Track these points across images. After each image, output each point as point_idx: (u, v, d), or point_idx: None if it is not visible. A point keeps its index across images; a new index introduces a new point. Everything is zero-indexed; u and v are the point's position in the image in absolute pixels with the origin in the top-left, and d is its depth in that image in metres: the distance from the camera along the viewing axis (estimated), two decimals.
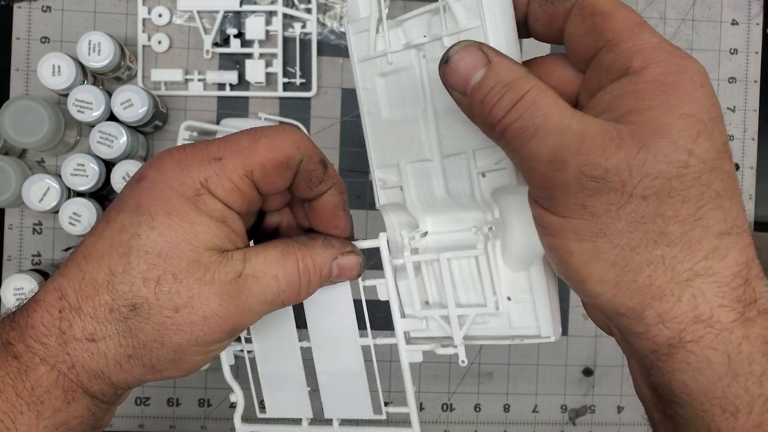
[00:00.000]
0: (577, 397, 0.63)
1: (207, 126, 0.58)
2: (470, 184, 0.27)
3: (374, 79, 0.28)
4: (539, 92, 0.23)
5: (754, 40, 0.63)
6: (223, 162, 0.25)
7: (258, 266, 0.26)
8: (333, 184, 0.29)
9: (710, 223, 0.22)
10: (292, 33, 0.59)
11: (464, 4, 0.25)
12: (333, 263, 0.28)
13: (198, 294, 0.25)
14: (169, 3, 0.59)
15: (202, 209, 0.25)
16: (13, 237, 0.58)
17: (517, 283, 0.27)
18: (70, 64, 0.52)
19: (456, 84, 0.24)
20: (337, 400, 0.31)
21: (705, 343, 0.22)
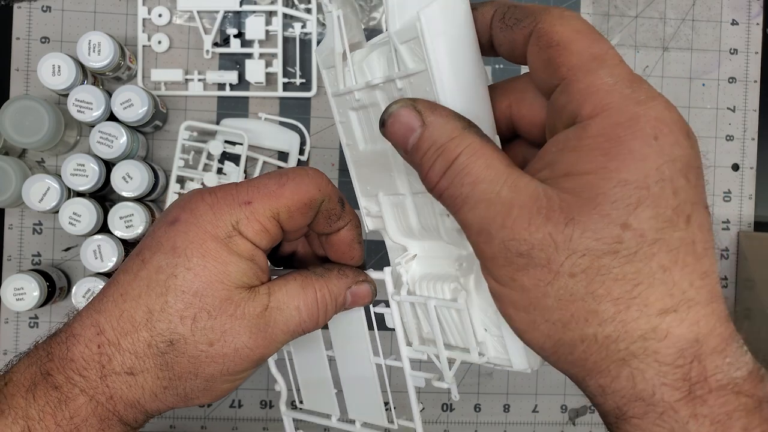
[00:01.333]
0: (577, 397, 0.63)
1: (207, 126, 0.58)
2: (436, 223, 0.27)
3: (348, 113, 0.28)
4: (471, 155, 0.21)
5: (754, 40, 0.63)
6: (253, 205, 0.27)
7: (281, 299, 0.28)
8: (350, 220, 0.30)
9: (649, 300, 0.20)
10: (292, 33, 0.59)
11: (410, 47, 0.23)
12: (347, 292, 0.30)
13: (230, 329, 0.27)
14: (169, 3, 0.59)
15: (233, 250, 0.27)
16: (13, 237, 0.58)
17: (489, 316, 0.27)
18: (70, 64, 0.52)
19: (396, 144, 0.24)
20: (358, 405, 0.34)
21: (649, 420, 0.21)
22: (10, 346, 0.58)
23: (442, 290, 0.28)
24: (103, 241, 0.53)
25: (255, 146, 0.59)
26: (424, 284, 0.29)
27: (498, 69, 0.62)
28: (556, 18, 0.21)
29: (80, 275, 0.58)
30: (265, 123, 0.59)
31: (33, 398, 0.25)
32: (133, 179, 0.53)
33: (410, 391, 0.32)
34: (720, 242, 0.64)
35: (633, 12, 0.63)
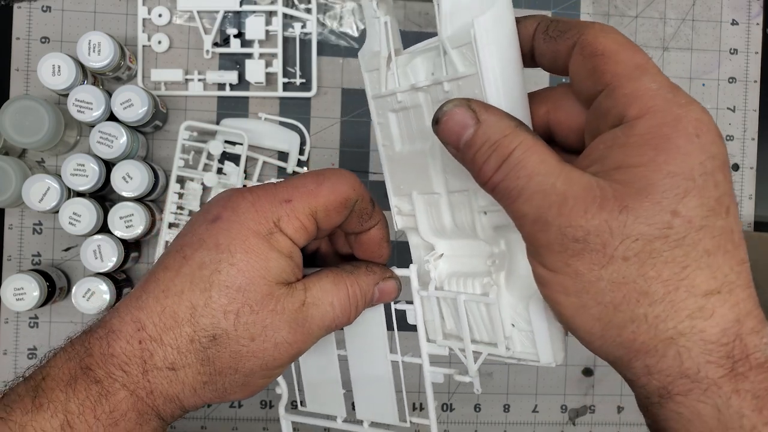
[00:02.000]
0: (577, 397, 0.63)
1: (207, 126, 0.58)
2: (473, 220, 0.28)
3: (387, 115, 0.29)
4: (525, 150, 0.23)
5: (754, 40, 0.63)
6: (293, 203, 0.28)
7: (317, 295, 0.29)
8: (380, 220, 0.31)
9: (696, 282, 0.22)
10: (292, 33, 0.59)
11: (461, 52, 0.24)
12: (375, 288, 0.31)
13: (271, 324, 0.27)
14: (169, 3, 0.59)
15: (274, 246, 0.28)
16: (13, 237, 0.58)
17: (519, 312, 0.28)
18: (70, 64, 0.52)
19: (449, 141, 0.25)
20: (368, 404, 0.34)
21: (693, 397, 0.22)
22: (10, 346, 0.58)
23: (473, 286, 0.29)
24: (103, 241, 0.53)
25: (255, 146, 0.59)
26: (453, 281, 0.30)
27: None
28: (599, 31, 0.23)
29: (80, 275, 0.58)
30: (265, 123, 0.59)
31: (73, 392, 0.25)
32: (133, 179, 0.53)
33: (427, 387, 0.33)
34: None
35: (633, 12, 0.63)
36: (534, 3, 0.62)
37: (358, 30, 0.61)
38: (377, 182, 0.61)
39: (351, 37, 0.60)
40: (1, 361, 0.58)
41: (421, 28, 0.61)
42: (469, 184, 0.27)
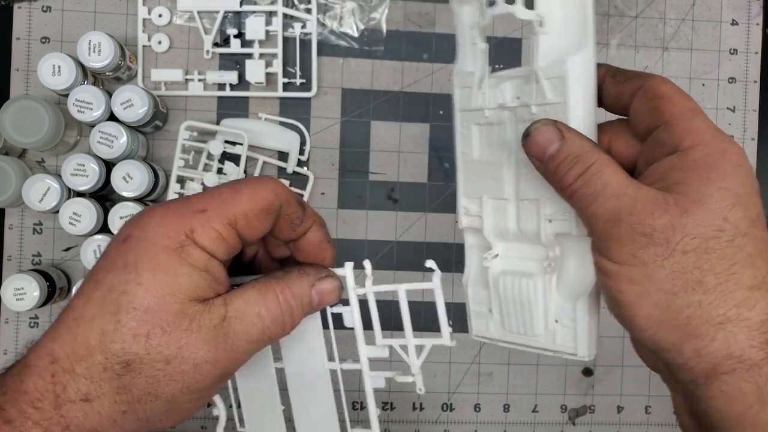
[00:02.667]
0: (577, 396, 0.63)
1: (207, 126, 0.58)
2: (537, 226, 0.31)
3: (470, 126, 0.33)
4: (602, 165, 0.27)
5: (753, 40, 0.63)
6: (208, 213, 0.27)
7: (239, 307, 0.27)
8: (314, 222, 0.30)
9: (742, 278, 0.26)
10: (292, 33, 0.59)
11: (552, 83, 0.29)
12: (312, 291, 0.30)
13: (186, 344, 0.26)
14: (169, 3, 0.59)
15: (186, 260, 0.26)
16: (13, 237, 0.58)
17: (564, 310, 0.31)
18: (70, 64, 0.52)
19: (535, 153, 0.28)
20: (308, 419, 0.33)
21: (737, 376, 0.26)
22: (10, 346, 0.58)
23: (526, 285, 0.32)
24: (104, 241, 0.53)
25: (255, 146, 0.59)
26: (508, 279, 0.32)
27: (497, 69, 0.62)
28: (660, 80, 0.29)
29: (80, 275, 0.58)
30: (266, 123, 0.59)
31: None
32: (133, 179, 0.53)
33: (368, 394, 0.32)
34: None
35: (633, 12, 0.63)
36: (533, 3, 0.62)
37: (358, 30, 0.61)
38: (377, 182, 0.61)
39: (351, 37, 0.61)
40: (1, 360, 0.58)
41: (421, 29, 0.61)
42: (540, 194, 0.30)
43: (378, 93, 0.61)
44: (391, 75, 0.61)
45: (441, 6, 0.61)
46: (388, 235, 0.61)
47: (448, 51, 0.61)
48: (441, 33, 0.61)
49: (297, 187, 0.60)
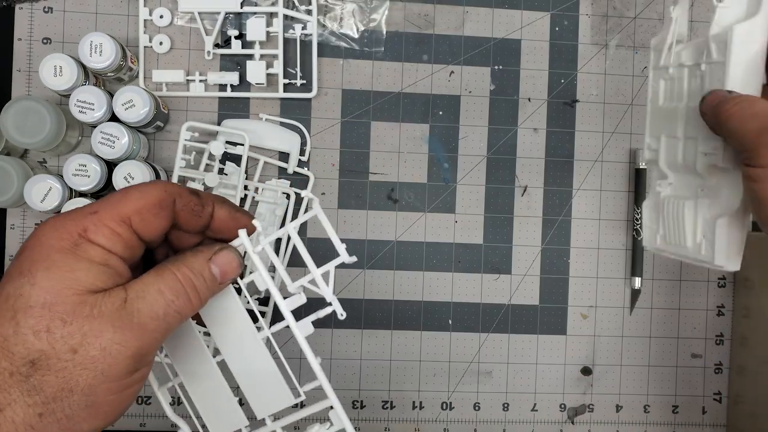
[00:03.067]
0: (576, 395, 0.63)
1: (208, 127, 0.58)
2: (695, 159, 0.39)
3: (659, 80, 0.44)
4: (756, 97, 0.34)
5: None
6: (99, 213, 0.28)
7: (140, 288, 0.28)
8: (213, 201, 0.31)
9: None
10: (293, 34, 0.60)
11: (718, 45, 0.37)
12: (210, 264, 0.30)
13: (90, 329, 0.26)
14: (170, 4, 0.59)
15: (82, 256, 0.27)
16: (14, 237, 0.58)
17: (710, 226, 0.38)
18: (71, 65, 0.52)
19: (705, 111, 0.36)
20: (261, 399, 0.33)
21: None
22: None
23: (683, 206, 0.40)
24: None
25: (256, 147, 0.59)
26: (671, 201, 0.41)
27: (497, 70, 0.62)
28: None
29: None
30: (266, 124, 0.60)
31: None
32: (134, 180, 0.53)
33: (302, 344, 0.33)
34: None
35: (631, 13, 0.63)
36: (532, 4, 0.62)
37: (358, 31, 0.61)
38: (377, 182, 0.61)
39: (351, 38, 0.61)
40: None
41: (421, 30, 0.61)
42: (698, 134, 0.38)
43: (378, 94, 0.61)
44: (391, 76, 0.61)
45: (441, 7, 0.62)
46: (388, 235, 0.61)
47: (447, 52, 0.62)
48: (441, 34, 0.62)
49: (298, 187, 0.60)
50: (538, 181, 0.62)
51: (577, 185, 0.63)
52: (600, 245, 0.63)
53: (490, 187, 0.62)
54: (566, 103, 0.63)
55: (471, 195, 0.62)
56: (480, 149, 0.62)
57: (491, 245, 0.62)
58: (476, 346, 0.62)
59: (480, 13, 0.62)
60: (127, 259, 0.29)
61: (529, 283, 0.62)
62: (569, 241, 0.63)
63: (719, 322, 0.64)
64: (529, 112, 0.62)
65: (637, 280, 0.62)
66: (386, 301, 0.62)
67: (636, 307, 0.63)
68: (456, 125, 0.62)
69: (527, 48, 0.62)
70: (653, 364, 0.64)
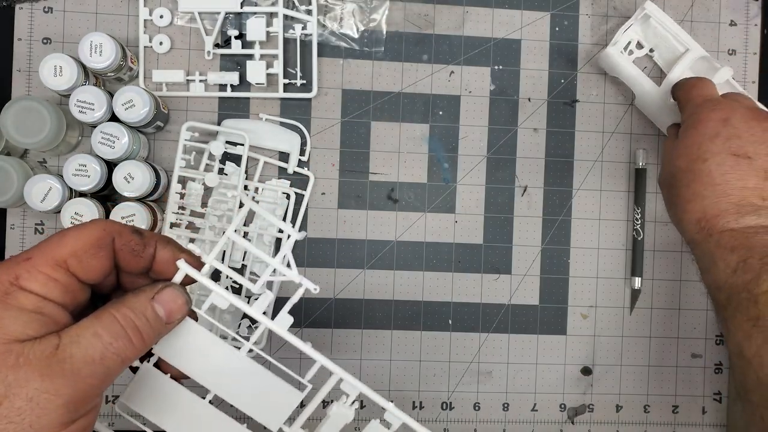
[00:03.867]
0: (576, 395, 0.63)
1: (208, 127, 0.58)
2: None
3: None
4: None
5: (752, 41, 0.64)
6: (33, 260, 0.27)
7: (75, 332, 0.26)
8: (156, 241, 0.30)
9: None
10: (293, 34, 0.60)
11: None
12: (152, 303, 0.29)
13: (15, 379, 0.24)
14: (170, 4, 0.59)
15: (11, 304, 0.26)
16: (14, 237, 0.58)
17: None
18: (71, 65, 0.52)
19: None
20: (270, 411, 0.33)
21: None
22: None
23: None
24: None
25: (256, 147, 0.59)
26: None
27: (497, 70, 0.62)
28: None
29: None
30: (266, 124, 0.60)
31: None
32: (134, 179, 0.53)
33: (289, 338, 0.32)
34: None
35: (632, 13, 0.63)
36: (532, 4, 0.62)
37: (358, 31, 0.61)
38: (377, 182, 0.61)
39: (351, 38, 0.61)
40: None
41: (421, 30, 0.61)
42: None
43: (378, 94, 0.61)
44: (391, 76, 0.61)
45: (441, 7, 0.62)
46: (388, 235, 0.61)
47: (447, 52, 0.62)
48: (441, 34, 0.62)
49: (297, 187, 0.60)
50: (538, 181, 0.62)
51: (577, 185, 0.63)
52: (600, 245, 0.63)
53: (490, 187, 0.62)
54: (566, 103, 0.63)
55: (471, 195, 0.62)
56: (480, 149, 0.62)
57: (491, 245, 0.62)
58: (476, 346, 0.62)
59: (480, 13, 0.62)
60: (67, 304, 0.28)
61: (529, 283, 0.62)
62: (569, 241, 0.63)
63: None
64: (529, 112, 0.62)
65: (637, 280, 0.62)
66: (386, 301, 0.62)
67: (636, 307, 0.63)
68: (456, 125, 0.62)
69: (527, 48, 0.62)
70: (653, 364, 0.64)
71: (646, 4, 0.59)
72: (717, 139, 0.45)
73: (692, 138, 0.47)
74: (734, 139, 0.45)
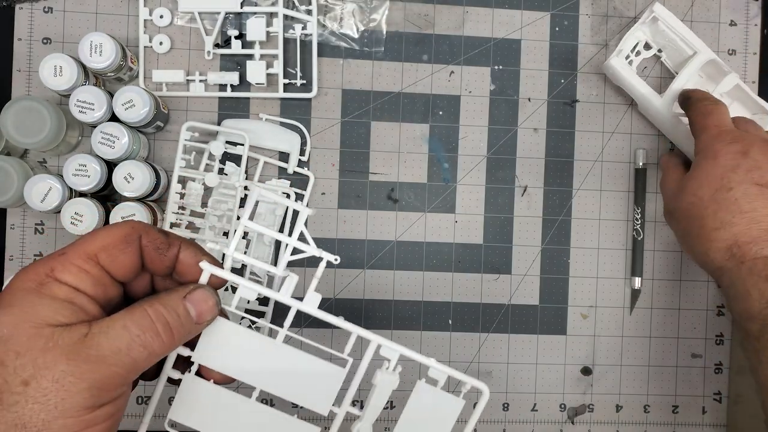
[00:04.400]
0: (576, 395, 0.63)
1: (208, 127, 0.58)
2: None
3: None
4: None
5: (752, 41, 0.64)
6: (67, 254, 0.29)
7: (105, 323, 0.28)
8: (180, 242, 0.31)
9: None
10: (293, 34, 0.60)
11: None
12: (185, 302, 0.30)
13: (43, 362, 0.26)
14: (170, 4, 0.59)
15: (45, 293, 0.27)
16: (15, 237, 0.58)
17: None
18: (71, 65, 0.52)
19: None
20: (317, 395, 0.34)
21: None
22: None
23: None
24: None
25: (256, 147, 0.59)
26: None
27: (497, 70, 0.62)
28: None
29: None
30: (266, 124, 0.60)
31: None
32: (134, 179, 0.53)
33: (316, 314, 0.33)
34: None
35: (631, 13, 0.63)
36: (532, 4, 0.62)
37: (358, 31, 0.61)
38: (377, 182, 0.61)
39: (351, 38, 0.61)
40: None
41: (421, 30, 0.61)
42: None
43: (378, 94, 0.61)
44: (391, 76, 0.61)
45: (441, 7, 0.62)
46: (388, 235, 0.61)
47: (447, 52, 0.62)
48: (441, 34, 0.62)
49: (297, 187, 0.60)
50: (538, 181, 0.62)
51: (577, 185, 0.63)
52: (600, 245, 0.63)
53: (490, 187, 0.62)
54: (566, 103, 0.63)
55: (471, 195, 0.62)
56: (480, 149, 0.62)
57: (491, 245, 0.62)
58: (476, 346, 0.62)
59: (480, 13, 0.62)
60: (99, 297, 0.29)
61: (529, 283, 0.62)
62: (569, 241, 0.63)
63: (719, 322, 0.64)
64: (529, 112, 0.62)
65: (637, 280, 0.62)
66: (386, 301, 0.62)
67: (636, 307, 0.63)
68: (456, 125, 0.62)
69: (527, 48, 0.62)
70: (653, 364, 0.64)
71: (655, 6, 0.59)
72: (739, 170, 0.46)
73: (712, 169, 0.47)
74: (755, 170, 0.46)
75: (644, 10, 0.60)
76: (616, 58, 0.59)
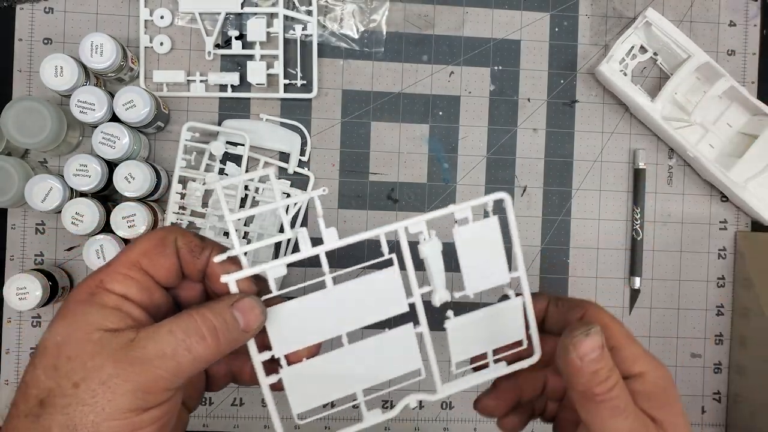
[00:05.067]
0: None
1: (209, 127, 0.58)
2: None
3: None
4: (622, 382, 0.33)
5: (751, 42, 0.64)
6: (113, 265, 0.30)
7: (151, 330, 0.28)
8: (214, 246, 0.32)
9: None
10: (293, 35, 0.60)
11: None
12: (232, 310, 0.30)
13: (93, 365, 0.27)
14: (170, 5, 0.59)
15: (95, 302, 0.29)
16: (15, 237, 0.59)
17: None
18: (72, 66, 0.52)
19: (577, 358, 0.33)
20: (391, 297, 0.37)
21: None
22: (13, 346, 0.59)
23: None
24: (106, 241, 0.53)
25: (256, 147, 0.59)
26: None
27: (496, 70, 0.62)
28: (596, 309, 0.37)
29: (82, 275, 0.59)
30: (267, 124, 0.60)
31: None
32: (135, 180, 0.53)
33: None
34: (718, 242, 0.64)
35: (631, 13, 0.63)
36: (532, 4, 0.62)
37: (358, 32, 0.61)
38: (377, 182, 0.61)
39: (351, 39, 0.61)
40: (4, 360, 0.59)
41: (421, 30, 0.62)
42: None
43: (378, 94, 0.61)
44: (391, 76, 0.61)
45: (441, 8, 0.62)
46: (388, 236, 0.61)
47: (447, 52, 0.62)
48: (440, 35, 0.62)
49: (298, 187, 0.60)
50: (537, 181, 0.63)
51: (576, 185, 0.63)
52: (599, 245, 0.63)
53: (490, 187, 0.62)
54: (566, 104, 0.63)
55: (471, 195, 0.62)
56: (480, 149, 0.62)
57: None
58: None
59: (480, 14, 0.62)
60: (145, 303, 0.30)
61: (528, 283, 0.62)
62: (569, 241, 0.63)
63: (719, 321, 0.64)
64: (528, 112, 0.62)
65: (636, 279, 0.63)
66: None
67: (635, 307, 0.63)
68: (456, 125, 0.62)
69: (527, 48, 0.62)
70: None
71: (648, 12, 0.59)
72: None
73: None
74: None
75: (638, 15, 0.60)
76: (606, 64, 0.59)
